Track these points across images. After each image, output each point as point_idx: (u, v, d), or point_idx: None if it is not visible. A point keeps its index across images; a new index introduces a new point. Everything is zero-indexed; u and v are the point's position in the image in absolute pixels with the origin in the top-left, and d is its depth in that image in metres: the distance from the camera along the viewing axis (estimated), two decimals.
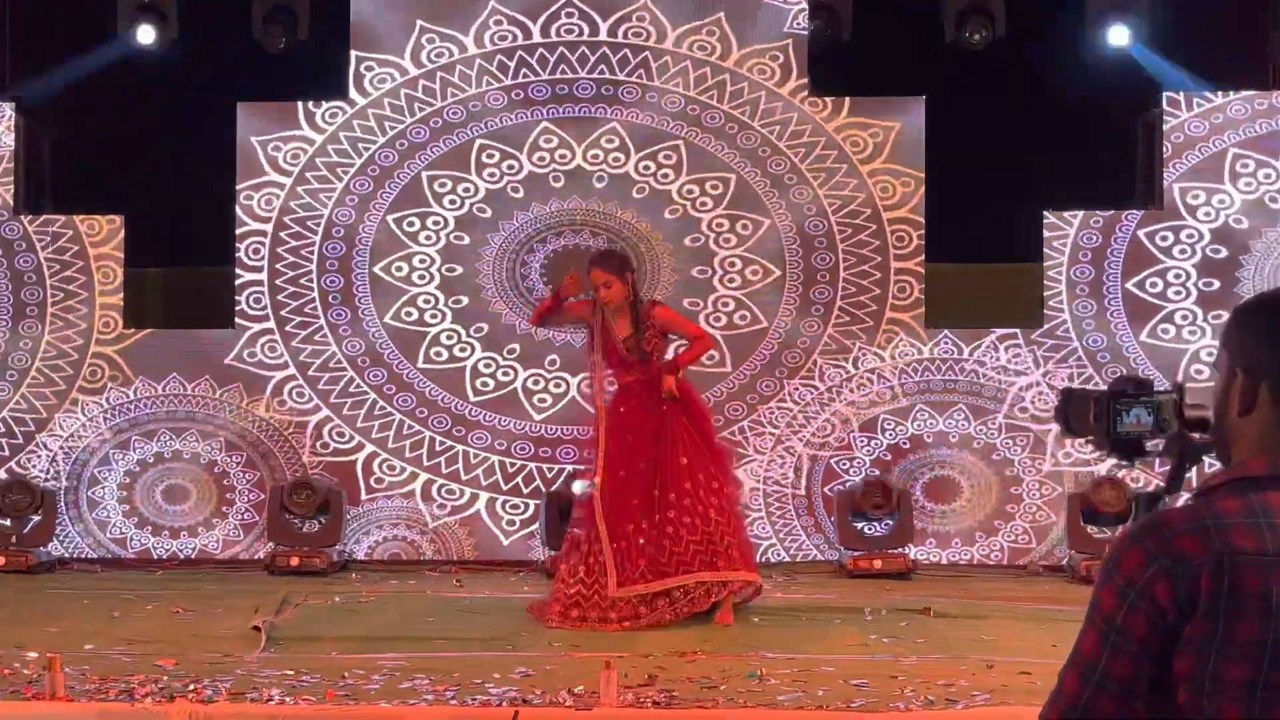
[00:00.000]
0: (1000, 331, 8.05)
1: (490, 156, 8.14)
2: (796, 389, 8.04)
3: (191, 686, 4.67)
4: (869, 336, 8.04)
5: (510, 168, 8.13)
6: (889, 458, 8.06)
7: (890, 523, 7.81)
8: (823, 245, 8.07)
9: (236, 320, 8.14)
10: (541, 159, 8.13)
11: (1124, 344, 7.99)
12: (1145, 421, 1.93)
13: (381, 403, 8.11)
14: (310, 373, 8.12)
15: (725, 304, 8.10)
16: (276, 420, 8.08)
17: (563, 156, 8.13)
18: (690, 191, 8.11)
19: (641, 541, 5.93)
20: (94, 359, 8.17)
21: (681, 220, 8.11)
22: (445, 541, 8.12)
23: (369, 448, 8.11)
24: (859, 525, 7.85)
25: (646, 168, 8.12)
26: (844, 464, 8.06)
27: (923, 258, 8.04)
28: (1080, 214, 8.07)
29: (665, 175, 8.11)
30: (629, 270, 6.19)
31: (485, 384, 8.11)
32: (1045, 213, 8.08)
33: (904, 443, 8.07)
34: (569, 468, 7.74)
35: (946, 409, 8.05)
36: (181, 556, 8.15)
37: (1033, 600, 6.85)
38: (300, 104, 8.12)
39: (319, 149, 8.15)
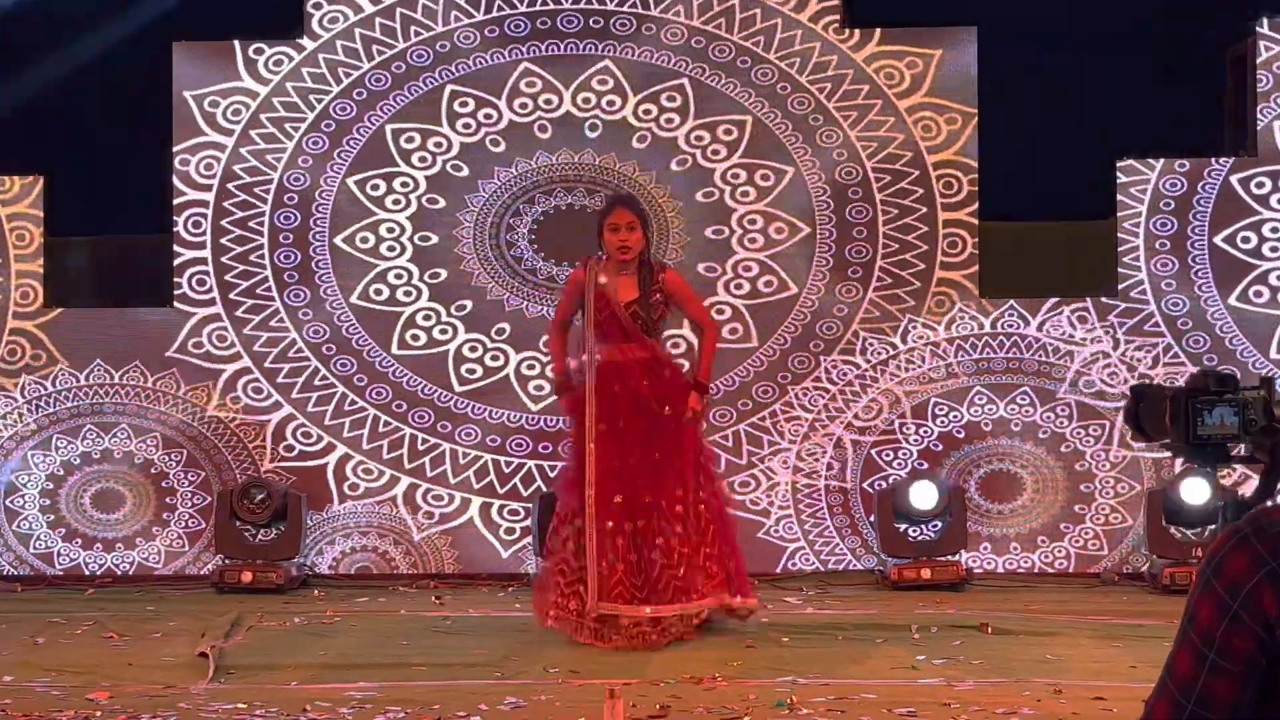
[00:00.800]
0: (1065, 300, 8.02)
1: (464, 105, 8.11)
2: (835, 365, 8.02)
3: None
4: (917, 302, 8.01)
5: (488, 117, 8.10)
6: (939, 448, 8.04)
7: (940, 525, 7.80)
8: (857, 196, 8.04)
9: (177, 304, 8.12)
10: (524, 106, 8.10)
11: (1209, 308, 7.96)
12: (1230, 422, 1.91)
13: (352, 396, 8.09)
14: (267, 364, 8.11)
15: (747, 268, 8.07)
16: (234, 423, 8.07)
17: (548, 102, 8.09)
18: (700, 138, 8.08)
19: (621, 543, 6.00)
20: (11, 335, 8.16)
21: (691, 172, 8.08)
22: (423, 553, 8.11)
23: (340, 449, 8.10)
24: (904, 528, 7.83)
25: (647, 112, 8.09)
26: (887, 455, 8.05)
27: (975, 206, 8.01)
28: (1160, 162, 8.03)
29: (670, 120, 8.08)
30: (650, 224, 6.36)
31: (471, 371, 8.09)
32: (1119, 161, 8.05)
33: (957, 431, 8.05)
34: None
35: (1006, 391, 8.03)
36: (116, 572, 8.15)
37: (1107, 614, 6.84)
38: (239, 50, 8.09)
39: (264, 102, 8.13)
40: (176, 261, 8.12)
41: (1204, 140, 8.22)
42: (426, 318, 8.09)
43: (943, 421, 8.05)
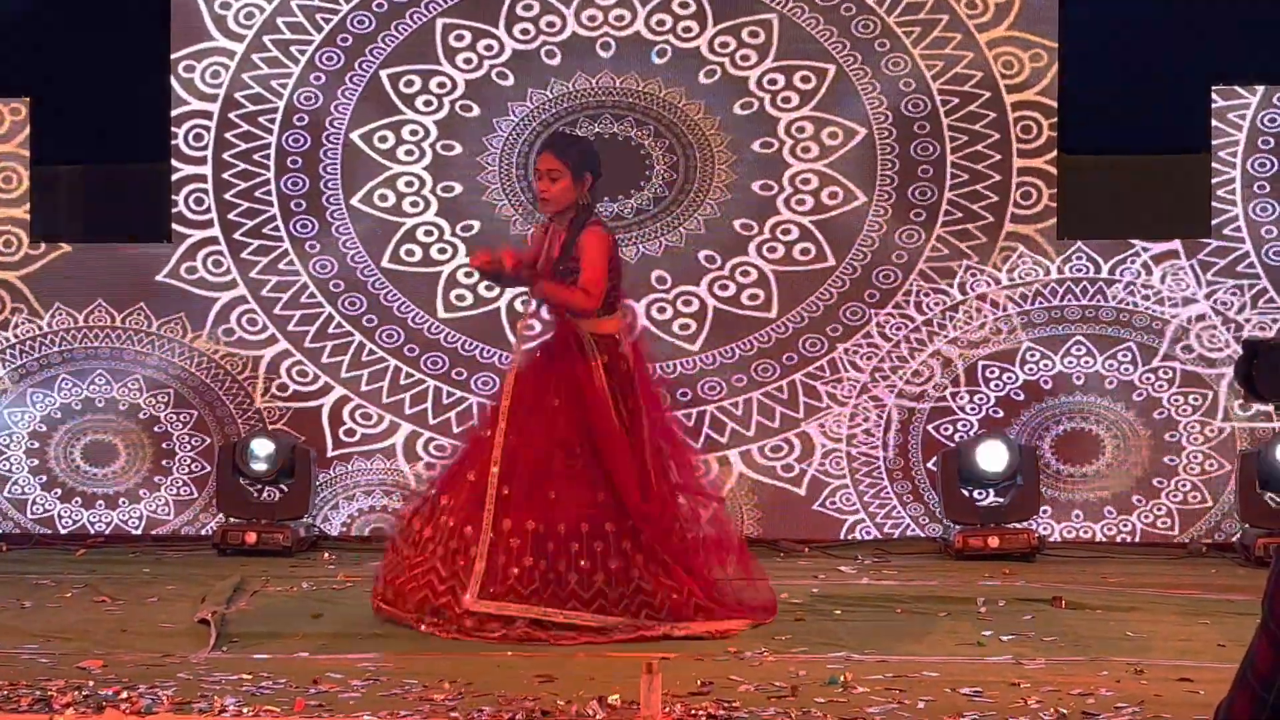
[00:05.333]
0: (1155, 246, 7.98)
1: (528, 10, 8.09)
2: (890, 319, 8.01)
3: (124, 694, 4.71)
4: (982, 255, 7.98)
5: (550, 25, 8.09)
6: (1005, 410, 8.02)
7: (1011, 489, 7.79)
8: (924, 131, 8.00)
9: (173, 226, 8.16)
10: (593, 19, 8.08)
11: None
12: None
13: (360, 338, 8.13)
14: (264, 293, 8.14)
15: (787, 231, 8.05)
16: (217, 355, 8.11)
17: (619, 19, 8.07)
18: (773, 82, 8.04)
19: (517, 544, 5.68)
20: None
21: (754, 118, 8.05)
22: None
23: (338, 390, 8.14)
24: (970, 492, 7.83)
25: (724, 45, 8.04)
26: (950, 416, 8.04)
27: (1055, 153, 7.97)
28: (1260, 90, 7.96)
29: (745, 58, 8.04)
30: (588, 170, 5.87)
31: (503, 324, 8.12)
32: (1213, 88, 7.98)
33: (1022, 391, 8.03)
34: None
35: (1083, 345, 8.00)
36: (109, 531, 8.22)
37: (1194, 588, 6.83)
38: None
39: (280, 6, 8.13)
40: (175, 177, 8.15)
41: None
42: (469, 274, 8.09)
43: (1011, 376, 8.03)
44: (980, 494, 7.84)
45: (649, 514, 5.75)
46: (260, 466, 7.85)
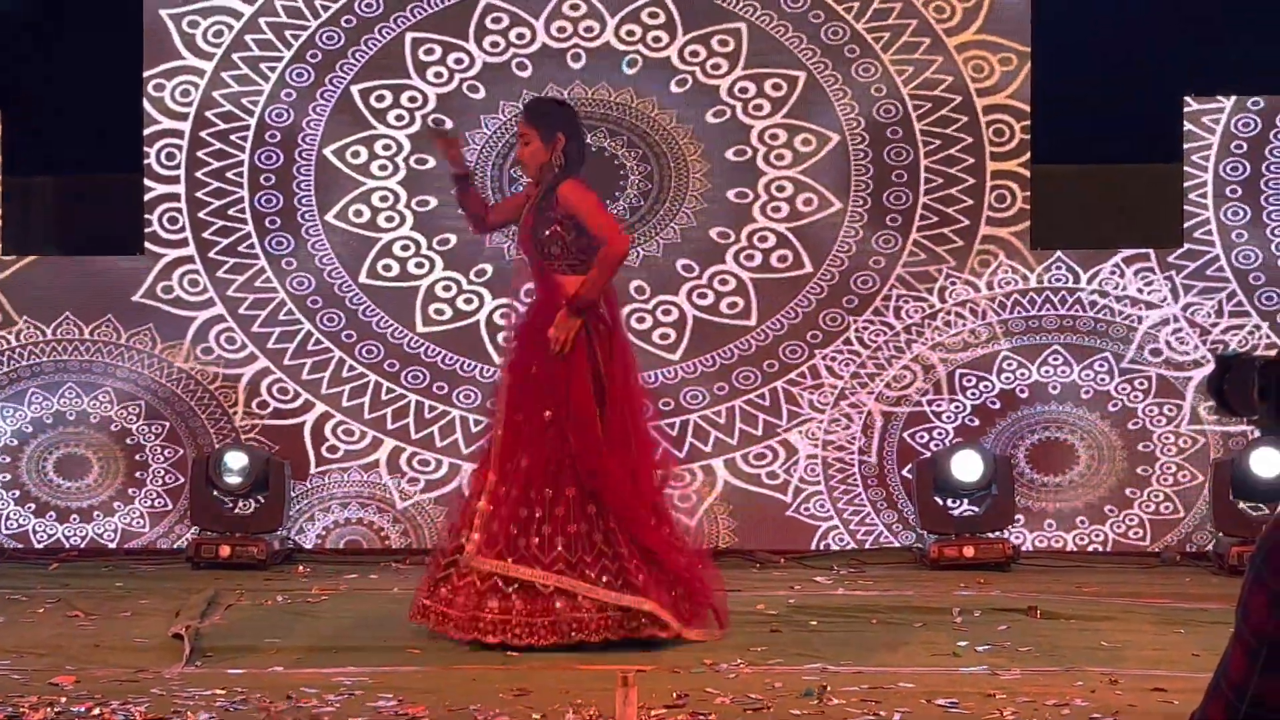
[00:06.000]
0: (1127, 252, 8.02)
1: (497, 22, 8.10)
2: (867, 327, 8.03)
3: (97, 710, 4.70)
4: (959, 259, 8.02)
5: (520, 37, 8.10)
6: (980, 418, 8.05)
7: (985, 499, 7.82)
8: (897, 137, 8.03)
9: (147, 245, 8.15)
10: (562, 30, 8.09)
11: None
12: None
13: (340, 354, 8.12)
14: (241, 311, 8.14)
15: (764, 238, 8.07)
16: (203, 377, 8.10)
17: (589, 30, 8.09)
18: (745, 90, 8.06)
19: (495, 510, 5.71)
20: None
21: (727, 126, 8.07)
22: (417, 525, 8.16)
23: (320, 407, 8.14)
24: (945, 502, 7.85)
25: (694, 54, 8.06)
26: (926, 423, 8.06)
27: (1028, 156, 8.01)
28: (1231, 99, 8.00)
29: (716, 66, 8.06)
30: (560, 131, 5.81)
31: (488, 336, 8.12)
32: (1186, 98, 8.02)
33: (998, 399, 8.05)
34: None
35: (1057, 353, 8.03)
36: (84, 545, 8.20)
37: (1168, 597, 6.86)
38: None
39: (248, 23, 8.12)
40: (148, 196, 8.15)
41: None
42: (446, 288, 8.09)
43: (988, 385, 8.06)
44: (955, 503, 7.87)
45: (599, 470, 5.72)
46: (234, 479, 7.84)
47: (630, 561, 5.69)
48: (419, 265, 8.15)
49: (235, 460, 7.85)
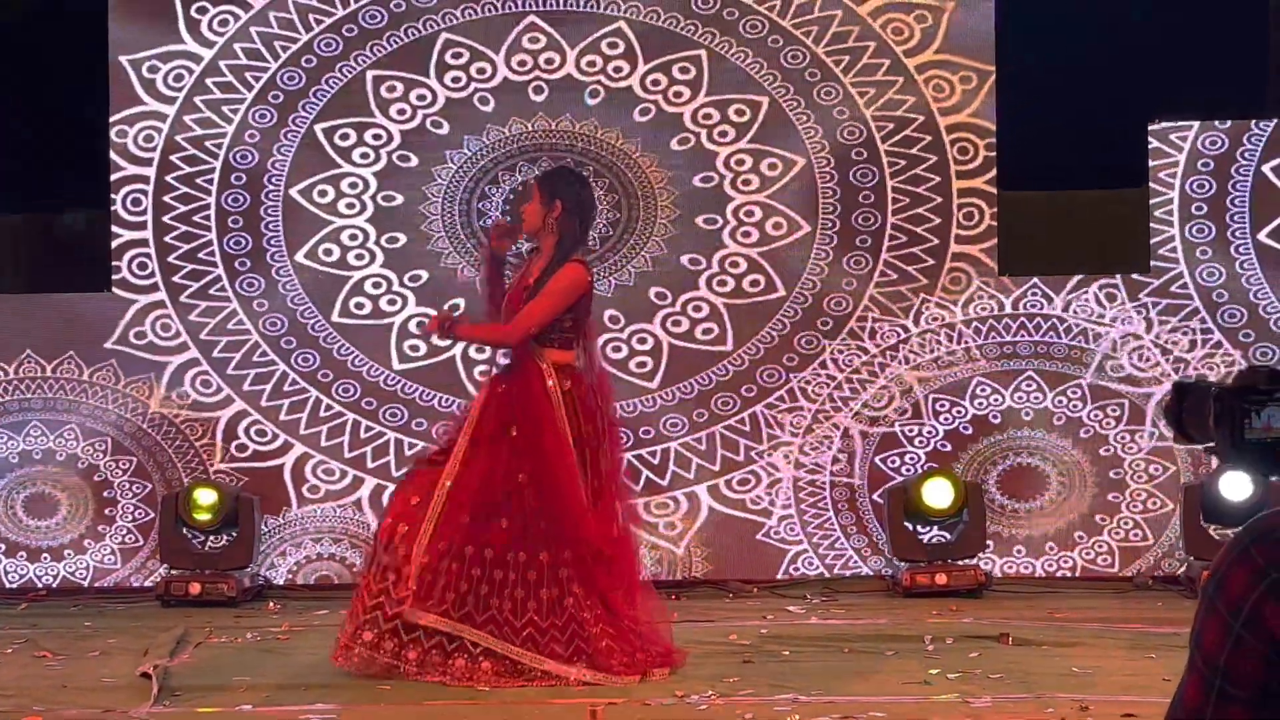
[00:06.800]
0: (1092, 278, 8.04)
1: (457, 57, 8.12)
2: (842, 351, 8.05)
3: None
4: (930, 279, 8.03)
5: (481, 72, 8.12)
6: (953, 443, 8.06)
7: (957, 525, 7.82)
8: (862, 158, 8.06)
9: (116, 290, 8.12)
10: (523, 63, 8.11)
11: (1253, 287, 7.98)
12: None
13: (317, 394, 8.10)
14: (215, 354, 8.12)
15: (734, 264, 8.09)
16: (180, 420, 8.09)
17: (549, 62, 8.11)
18: (708, 117, 8.09)
19: (458, 568, 5.66)
20: None
21: (693, 153, 8.09)
22: None
23: (299, 448, 8.11)
24: (916, 528, 7.86)
25: (656, 83, 8.09)
26: (897, 449, 8.07)
27: (994, 173, 8.04)
28: (1195, 125, 8.05)
29: (679, 94, 8.09)
30: (558, 198, 5.88)
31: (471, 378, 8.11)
32: (1150, 124, 8.06)
33: (971, 425, 8.07)
34: None
35: (1026, 378, 8.05)
36: (56, 584, 8.16)
37: (1139, 622, 6.87)
38: (180, 8, 8.08)
39: (208, 66, 8.13)
40: (115, 243, 8.13)
41: (1245, 99, 8.24)
42: (421, 325, 8.07)
43: (960, 410, 8.08)
44: (925, 529, 7.87)
45: (592, 538, 5.73)
46: (203, 516, 7.80)
47: (594, 628, 5.66)
48: (391, 302, 8.15)
49: (205, 497, 7.82)
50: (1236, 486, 7.45)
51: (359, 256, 8.15)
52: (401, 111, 8.13)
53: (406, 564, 5.66)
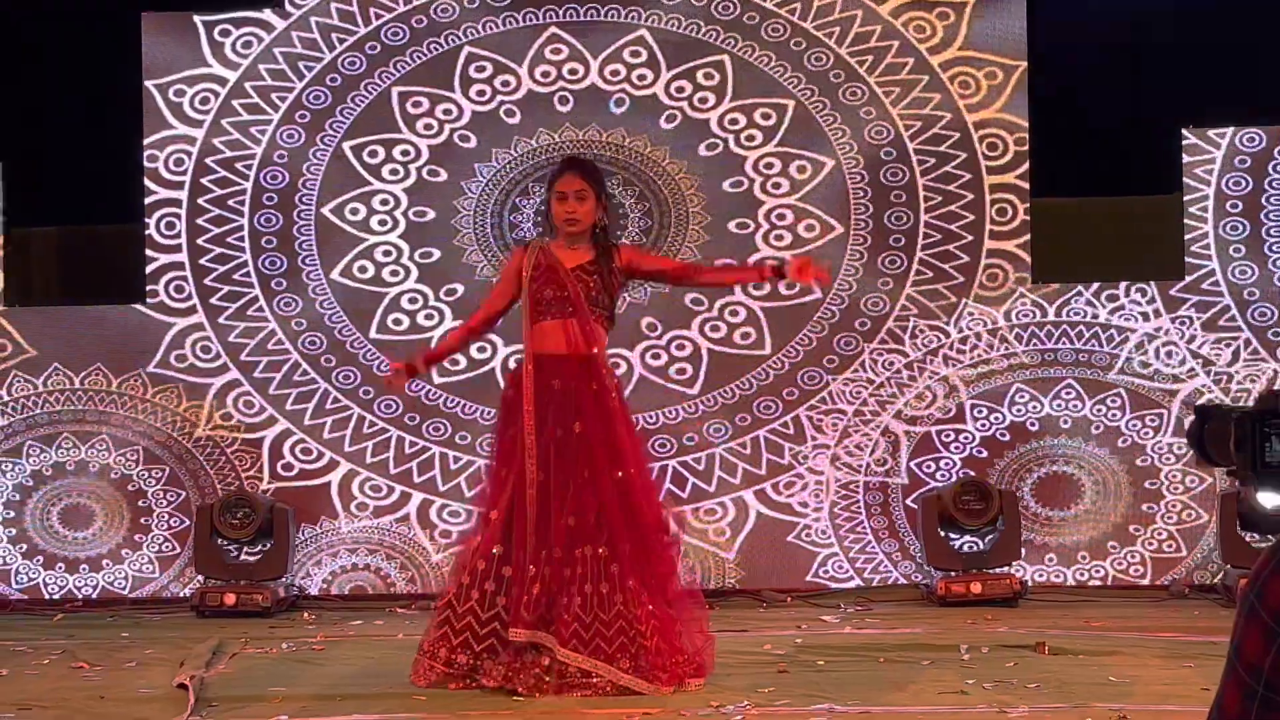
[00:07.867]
0: (1126, 284, 8.02)
1: (480, 70, 8.14)
2: (878, 353, 8.05)
3: None
4: (968, 277, 8.01)
5: (505, 84, 8.14)
6: (984, 452, 8.04)
7: (993, 534, 7.80)
8: (891, 158, 8.05)
9: (151, 309, 8.15)
10: (546, 74, 8.13)
11: None
12: None
13: (359, 410, 8.13)
14: (256, 374, 8.16)
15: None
16: (224, 438, 8.13)
17: (573, 72, 8.13)
18: (735, 122, 8.10)
19: (534, 572, 5.65)
20: None
21: (721, 159, 8.10)
22: (424, 572, 8.15)
23: (344, 465, 8.14)
24: (951, 537, 7.84)
25: (680, 90, 8.10)
26: (932, 456, 8.06)
27: (1026, 167, 8.02)
28: (1229, 130, 8.02)
29: (704, 100, 8.10)
30: (605, 193, 5.97)
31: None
32: (1184, 130, 8.04)
33: (1008, 431, 8.05)
34: None
35: (1059, 385, 8.03)
36: (86, 595, 8.20)
37: (1177, 631, 6.83)
38: (204, 32, 8.12)
39: (234, 88, 8.16)
40: (149, 268, 8.17)
41: None
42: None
43: (998, 417, 8.05)
44: (956, 536, 7.85)
45: (654, 527, 5.77)
46: (238, 527, 7.83)
47: (646, 624, 5.66)
48: (429, 317, 8.17)
49: (240, 508, 7.85)
50: (1273, 494, 7.43)
51: (394, 273, 8.18)
52: (428, 126, 8.16)
53: (515, 588, 5.65)
